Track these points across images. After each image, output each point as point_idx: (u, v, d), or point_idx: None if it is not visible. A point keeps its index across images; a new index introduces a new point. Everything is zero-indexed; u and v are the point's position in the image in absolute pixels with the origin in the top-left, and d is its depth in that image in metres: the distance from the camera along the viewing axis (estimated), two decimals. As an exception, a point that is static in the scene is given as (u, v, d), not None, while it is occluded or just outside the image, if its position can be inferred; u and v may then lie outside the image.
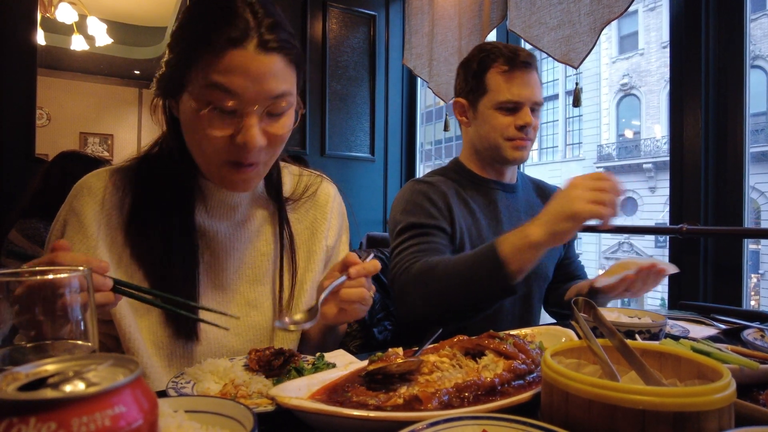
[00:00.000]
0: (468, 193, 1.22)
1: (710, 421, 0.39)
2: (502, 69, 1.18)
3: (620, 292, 1.01)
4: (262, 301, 0.87)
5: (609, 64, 13.04)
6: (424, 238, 1.09)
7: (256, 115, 0.71)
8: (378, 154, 2.96)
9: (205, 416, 0.44)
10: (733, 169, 1.51)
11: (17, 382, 0.27)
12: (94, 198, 0.79)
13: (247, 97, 0.69)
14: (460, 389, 0.54)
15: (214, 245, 0.84)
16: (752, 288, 7.19)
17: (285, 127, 0.76)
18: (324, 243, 0.93)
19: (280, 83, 0.71)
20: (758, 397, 0.54)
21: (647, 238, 10.85)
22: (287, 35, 0.73)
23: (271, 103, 0.72)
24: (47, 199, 1.91)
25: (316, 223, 0.94)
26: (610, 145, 12.88)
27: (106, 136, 6.74)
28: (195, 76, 0.70)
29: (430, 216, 1.12)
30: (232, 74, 0.68)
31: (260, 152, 0.74)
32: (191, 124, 0.73)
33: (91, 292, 0.43)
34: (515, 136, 1.17)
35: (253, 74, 0.69)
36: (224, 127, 0.71)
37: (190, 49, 0.70)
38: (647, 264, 0.96)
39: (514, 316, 1.20)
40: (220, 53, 0.68)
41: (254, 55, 0.69)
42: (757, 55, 8.78)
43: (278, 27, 0.71)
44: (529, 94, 1.17)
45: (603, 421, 0.41)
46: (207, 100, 0.69)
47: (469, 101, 1.24)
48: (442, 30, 2.58)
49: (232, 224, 0.86)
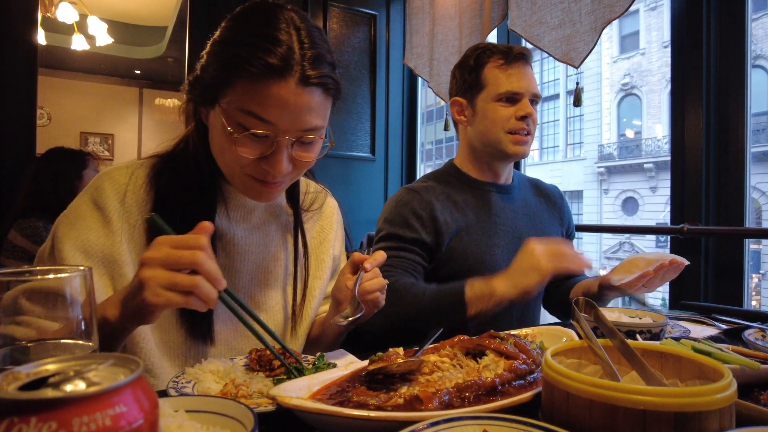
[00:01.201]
0: (460, 195, 1.23)
1: (711, 421, 0.39)
2: (498, 63, 1.19)
3: (638, 288, 1.02)
4: (271, 305, 0.88)
5: (610, 64, 13.03)
6: (400, 253, 1.14)
7: (286, 144, 0.71)
8: (378, 153, 2.96)
9: (205, 416, 0.44)
10: (734, 169, 1.50)
11: (18, 382, 0.27)
12: (116, 193, 0.77)
13: (280, 128, 0.69)
14: (460, 389, 0.54)
15: (229, 247, 0.84)
16: (753, 288, 7.19)
17: (312, 154, 0.76)
18: (331, 252, 0.97)
19: (315, 117, 0.71)
20: (759, 398, 0.54)
21: (648, 238, 10.83)
22: (329, 69, 0.72)
23: (303, 135, 0.72)
24: (42, 199, 1.92)
25: (323, 233, 0.97)
26: (611, 145, 12.86)
27: (106, 136, 6.74)
28: (231, 97, 0.69)
29: (411, 228, 1.15)
30: (269, 105, 0.67)
31: (285, 176, 0.75)
32: (220, 139, 0.73)
33: (92, 291, 0.43)
34: (516, 127, 1.17)
35: (291, 108, 0.68)
36: (253, 149, 0.71)
37: (229, 68, 0.68)
38: (667, 260, 0.98)
39: (512, 316, 1.20)
40: (260, 81, 0.67)
41: (294, 88, 0.67)
42: (758, 55, 8.76)
43: (322, 61, 0.70)
44: (528, 85, 1.18)
45: (604, 421, 0.41)
46: (240, 122, 0.69)
47: (467, 99, 1.24)
48: (443, 30, 2.58)
49: (248, 227, 0.86)
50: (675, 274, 1.01)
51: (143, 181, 0.79)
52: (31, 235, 1.85)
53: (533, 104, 1.20)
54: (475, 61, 1.22)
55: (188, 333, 0.78)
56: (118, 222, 0.75)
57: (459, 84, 1.26)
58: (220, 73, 0.70)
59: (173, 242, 0.58)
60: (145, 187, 0.79)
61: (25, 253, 1.84)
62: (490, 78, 1.19)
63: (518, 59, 1.18)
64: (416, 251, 1.15)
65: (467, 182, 1.26)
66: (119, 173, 0.79)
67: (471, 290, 0.98)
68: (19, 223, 1.88)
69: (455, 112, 1.28)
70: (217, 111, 0.71)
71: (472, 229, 1.19)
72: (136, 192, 0.78)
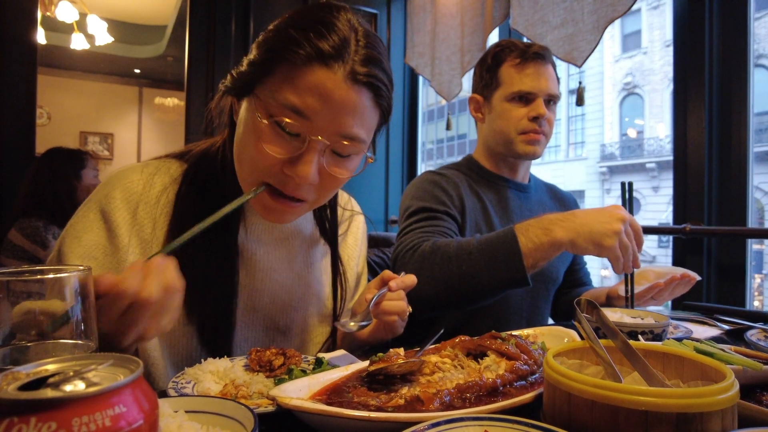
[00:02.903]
0: (480, 188, 1.23)
1: (713, 422, 0.39)
2: (514, 62, 1.18)
3: (646, 301, 1.00)
4: (291, 327, 0.83)
5: (612, 63, 13.00)
6: (432, 221, 1.08)
7: (319, 147, 0.62)
8: (379, 153, 2.96)
9: (205, 416, 0.44)
10: (736, 169, 1.50)
11: (18, 382, 0.27)
12: (128, 203, 0.70)
13: (316, 125, 0.60)
14: (461, 390, 0.53)
15: (249, 266, 0.77)
16: (756, 288, 7.17)
17: (346, 171, 0.66)
18: (355, 270, 0.93)
19: (358, 124, 0.62)
20: (761, 398, 0.53)
21: (650, 238, 10.80)
22: (384, 76, 0.64)
23: (339, 141, 0.62)
24: (41, 199, 1.93)
25: (349, 250, 0.93)
26: (614, 145, 12.84)
27: (106, 135, 6.74)
28: (269, 85, 0.61)
29: (440, 202, 1.12)
30: (308, 95, 0.59)
31: (309, 189, 0.65)
32: (246, 131, 0.64)
33: (92, 291, 0.43)
34: (528, 128, 1.17)
35: (333, 103, 0.60)
36: (281, 147, 0.62)
37: (273, 51, 0.61)
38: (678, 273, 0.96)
39: (521, 317, 1.19)
40: (305, 66, 0.59)
41: (340, 81, 0.59)
42: (761, 54, 8.73)
43: (377, 63, 0.63)
44: (542, 85, 1.16)
45: (606, 422, 0.40)
46: (272, 114, 0.61)
47: (483, 97, 1.24)
48: (445, 28, 2.57)
49: (270, 243, 0.79)
50: (685, 289, 1.00)
51: (159, 191, 0.71)
52: (31, 235, 1.86)
53: (550, 104, 1.18)
54: (493, 60, 1.21)
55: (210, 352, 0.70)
56: (126, 236, 0.69)
57: (477, 81, 1.26)
58: (262, 56, 0.62)
59: None
60: (160, 198, 0.71)
61: (25, 252, 1.85)
62: (505, 77, 1.19)
63: (534, 58, 1.17)
64: (449, 221, 1.10)
65: (486, 176, 1.26)
66: (133, 180, 0.71)
67: (525, 238, 0.87)
68: (19, 223, 1.88)
69: (472, 108, 1.28)
70: (251, 101, 0.63)
71: (489, 221, 1.18)
72: (149, 203, 0.70)
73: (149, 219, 0.70)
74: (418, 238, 1.03)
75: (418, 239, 1.03)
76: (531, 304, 1.20)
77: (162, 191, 0.72)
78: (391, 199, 2.98)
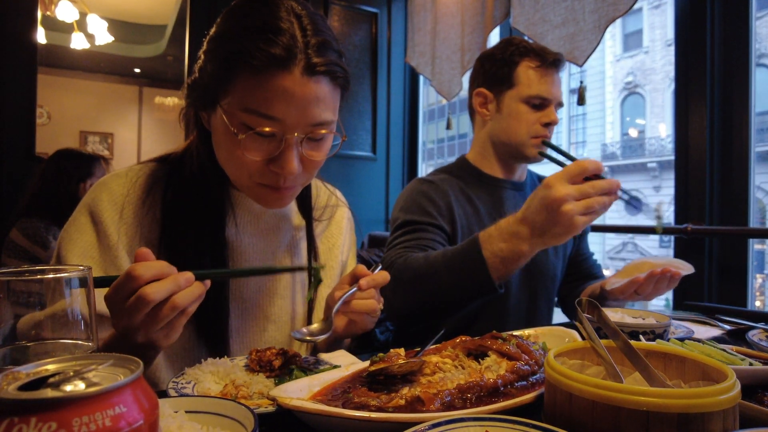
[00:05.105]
0: (473, 191, 1.22)
1: (715, 422, 0.39)
2: (534, 64, 1.17)
3: (630, 295, 0.99)
4: (279, 315, 0.85)
5: (613, 62, 12.98)
6: (416, 234, 1.10)
7: (295, 141, 0.66)
8: (380, 152, 2.95)
9: (205, 417, 0.44)
10: (738, 169, 1.50)
11: (18, 382, 0.27)
12: (114, 205, 0.73)
13: (288, 124, 0.64)
14: (462, 390, 0.53)
15: (237, 256, 0.81)
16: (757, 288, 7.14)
17: (323, 152, 0.71)
18: (340, 258, 0.94)
19: (324, 110, 0.66)
20: (763, 399, 0.53)
21: (652, 238, 10.80)
22: (336, 56, 0.67)
23: (312, 130, 0.67)
24: (46, 200, 1.92)
25: (333, 238, 0.94)
26: (615, 144, 12.83)
27: (106, 135, 6.74)
28: (232, 95, 0.64)
29: (426, 214, 1.13)
30: (273, 100, 0.63)
31: (296, 177, 0.70)
32: (224, 143, 0.69)
33: (92, 291, 0.43)
34: (540, 133, 1.17)
35: (297, 100, 0.63)
36: (260, 151, 0.66)
37: (228, 64, 0.64)
38: (658, 268, 0.94)
39: (519, 318, 1.19)
40: (262, 74, 0.62)
41: (300, 79, 0.63)
42: (762, 54, 8.69)
43: (327, 47, 0.65)
44: (557, 93, 1.18)
45: (607, 422, 0.40)
46: (243, 122, 0.64)
47: (493, 93, 1.22)
48: (445, 28, 2.57)
49: (256, 234, 0.83)
50: (671, 285, 0.97)
51: (142, 192, 0.75)
52: (32, 236, 1.86)
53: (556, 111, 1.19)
54: (508, 57, 1.19)
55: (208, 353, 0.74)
56: (115, 235, 0.72)
57: (486, 75, 1.23)
58: (218, 71, 0.65)
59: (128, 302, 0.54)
60: (145, 199, 0.75)
61: (26, 252, 1.84)
62: (523, 77, 1.17)
63: (555, 65, 1.17)
64: (435, 232, 1.11)
65: (480, 178, 1.25)
66: (117, 183, 0.75)
67: (490, 251, 0.88)
68: (21, 223, 1.88)
69: (478, 103, 1.25)
70: (219, 113, 0.67)
71: (484, 224, 1.18)
72: (134, 204, 0.75)
73: (135, 219, 0.75)
74: (396, 255, 1.05)
75: (396, 255, 1.05)
76: (530, 304, 1.20)
77: (147, 193, 0.76)
78: (391, 199, 2.98)
